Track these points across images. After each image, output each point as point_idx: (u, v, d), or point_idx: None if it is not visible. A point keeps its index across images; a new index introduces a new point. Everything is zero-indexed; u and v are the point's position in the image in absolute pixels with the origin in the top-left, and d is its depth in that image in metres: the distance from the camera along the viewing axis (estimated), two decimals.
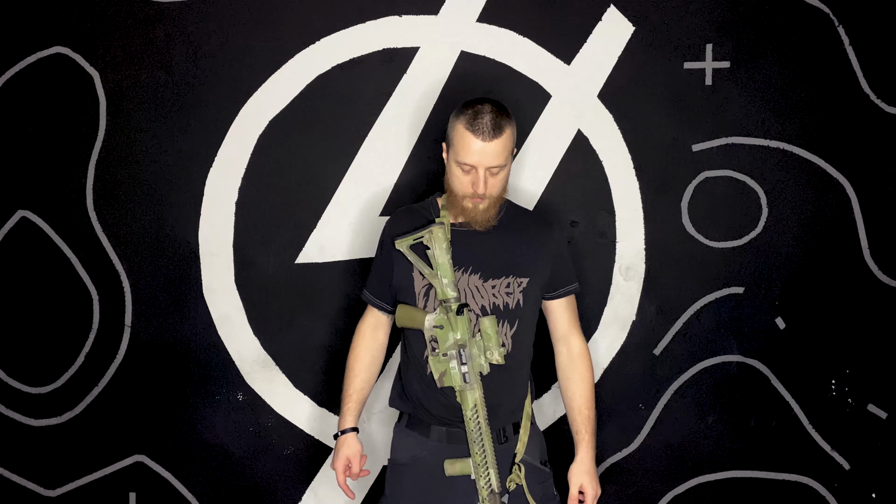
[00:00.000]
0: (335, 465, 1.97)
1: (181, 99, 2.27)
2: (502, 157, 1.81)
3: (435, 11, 2.25)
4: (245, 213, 2.29)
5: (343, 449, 1.97)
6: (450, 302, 1.85)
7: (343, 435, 1.97)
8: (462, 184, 1.83)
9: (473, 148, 1.78)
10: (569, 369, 1.99)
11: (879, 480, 2.31)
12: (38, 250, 2.30)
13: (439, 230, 1.87)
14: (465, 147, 1.79)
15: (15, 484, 2.34)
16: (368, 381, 2.02)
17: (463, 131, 1.80)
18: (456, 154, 1.82)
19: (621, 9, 2.23)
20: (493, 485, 1.84)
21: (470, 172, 1.81)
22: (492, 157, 1.79)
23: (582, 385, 1.97)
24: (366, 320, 2.04)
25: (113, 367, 2.32)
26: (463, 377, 1.84)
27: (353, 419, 1.98)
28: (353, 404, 1.99)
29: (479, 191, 1.81)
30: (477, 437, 1.84)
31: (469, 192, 1.83)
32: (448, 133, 1.86)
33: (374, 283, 2.01)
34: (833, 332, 2.29)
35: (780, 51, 2.24)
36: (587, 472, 1.94)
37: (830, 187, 2.26)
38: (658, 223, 2.28)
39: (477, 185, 1.81)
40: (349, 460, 1.96)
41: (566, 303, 1.99)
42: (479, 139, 1.78)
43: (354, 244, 2.29)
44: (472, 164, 1.80)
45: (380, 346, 2.04)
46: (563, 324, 2.00)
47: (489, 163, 1.80)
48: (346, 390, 2.00)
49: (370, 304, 2.02)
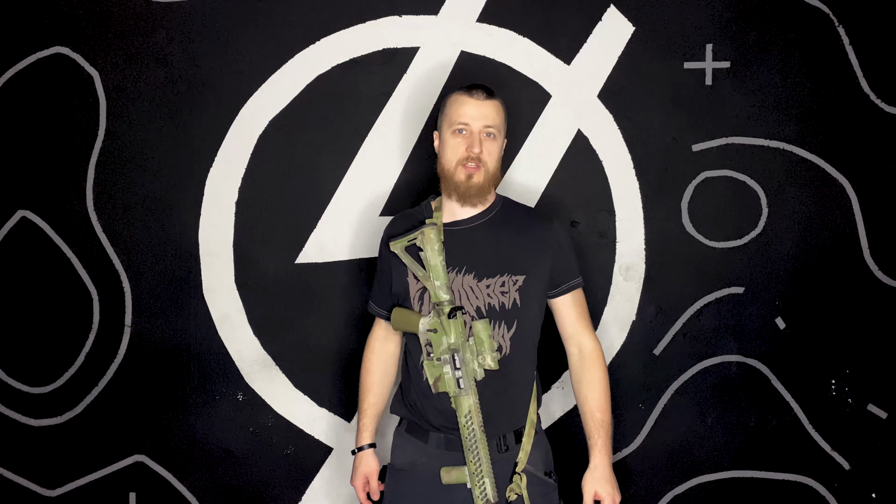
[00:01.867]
0: (354, 483, 2.00)
1: (181, 99, 2.27)
2: (496, 118, 1.85)
3: (435, 11, 2.25)
4: (245, 213, 2.29)
5: (361, 467, 1.99)
6: (443, 305, 1.83)
7: (360, 452, 1.99)
8: (456, 150, 1.85)
9: (468, 107, 1.85)
10: (580, 371, 1.92)
11: (879, 480, 2.31)
12: (38, 250, 2.30)
13: (431, 231, 1.86)
14: (460, 107, 1.86)
15: (15, 484, 2.34)
16: (382, 395, 2.03)
17: (457, 97, 1.88)
18: (450, 120, 1.87)
19: (621, 9, 2.23)
20: (489, 494, 1.80)
21: (465, 134, 1.85)
22: (486, 117, 1.84)
23: (594, 388, 1.90)
24: (374, 333, 2.05)
25: (113, 367, 2.32)
26: (457, 382, 1.82)
27: (370, 435, 2.00)
28: (368, 420, 2.00)
29: (475, 150, 1.83)
30: (471, 445, 1.81)
31: (463, 155, 1.84)
32: (440, 113, 1.92)
33: (378, 294, 2.01)
34: (833, 332, 2.29)
35: (780, 51, 2.24)
36: (602, 478, 1.86)
37: (830, 187, 2.26)
38: (658, 223, 2.28)
39: (472, 144, 1.83)
40: (367, 478, 1.98)
41: (571, 299, 1.94)
42: (475, 98, 1.85)
43: (354, 244, 2.29)
44: (467, 122, 1.84)
45: (391, 358, 2.04)
46: (571, 321, 1.94)
47: (484, 121, 1.84)
48: (361, 405, 2.02)
49: (377, 317, 2.03)
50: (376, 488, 1.99)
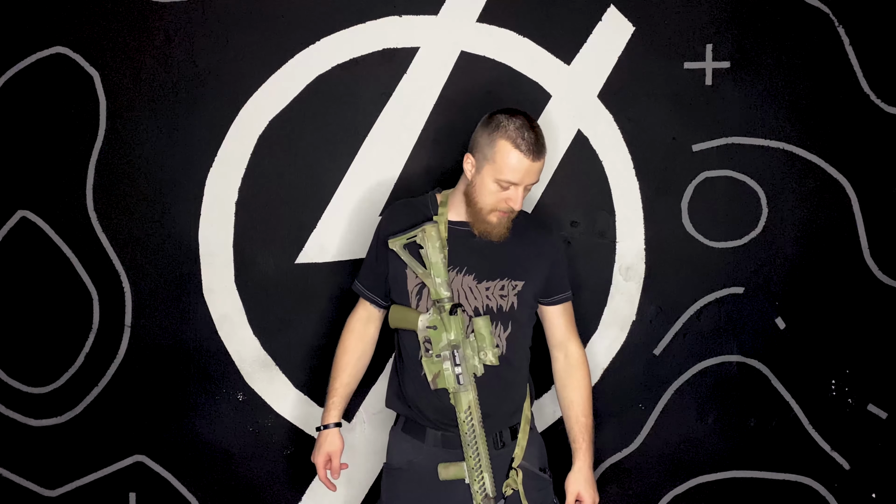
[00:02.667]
0: (316, 460, 1.98)
1: (181, 99, 2.27)
2: (540, 174, 1.82)
3: (435, 11, 2.25)
4: (245, 213, 2.29)
5: (325, 445, 1.97)
6: (443, 302, 1.84)
7: (326, 430, 1.97)
8: (496, 199, 1.80)
9: (520, 166, 1.76)
10: (566, 377, 1.97)
11: (879, 480, 2.31)
12: (38, 250, 2.30)
13: (432, 229, 1.85)
14: (511, 165, 1.75)
15: (15, 484, 2.34)
16: (356, 377, 2.01)
17: (509, 148, 1.75)
18: (498, 171, 1.76)
19: (621, 9, 2.23)
20: (488, 489, 1.81)
21: (508, 189, 1.79)
22: (535, 175, 1.80)
23: (579, 393, 1.96)
24: (356, 313, 2.03)
25: (113, 367, 2.32)
26: (456, 378, 1.82)
27: (338, 414, 1.98)
28: (338, 398, 1.98)
29: (517, 207, 1.81)
30: (471, 440, 1.82)
31: (503, 207, 1.80)
32: (481, 146, 1.79)
33: (367, 276, 1.99)
34: (833, 332, 2.29)
35: (780, 51, 2.24)
36: (584, 479, 1.93)
37: (830, 187, 2.26)
38: (658, 223, 2.28)
39: (515, 202, 1.79)
40: (330, 456, 1.97)
41: (562, 309, 1.98)
42: (528, 158, 1.75)
43: (355, 244, 2.29)
44: (516, 182, 1.77)
45: (370, 341, 2.03)
46: (561, 330, 1.98)
47: (532, 180, 1.80)
48: (332, 384, 1.99)
49: (362, 297, 2.01)
50: (338, 467, 1.97)
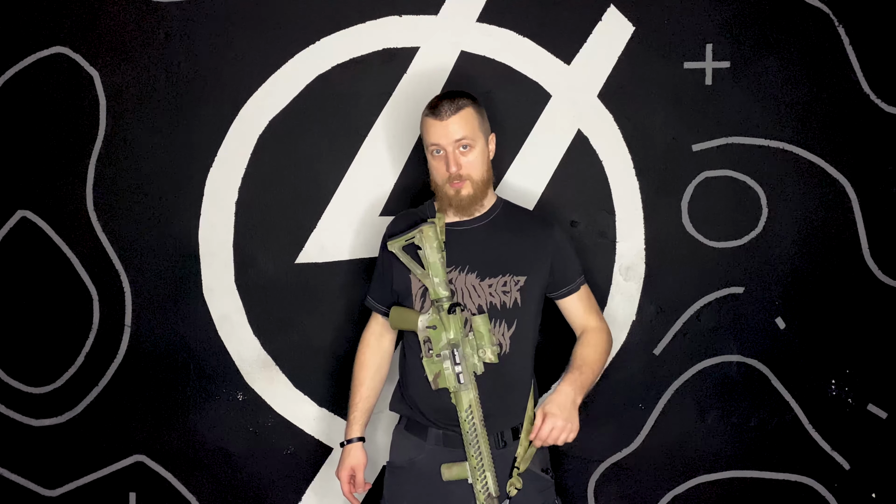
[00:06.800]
0: (340, 475, 2.00)
1: (181, 99, 2.27)
2: (465, 130, 1.84)
3: (435, 11, 2.25)
4: (245, 213, 2.29)
5: (348, 459, 1.99)
6: (442, 301, 1.85)
7: (349, 444, 1.99)
8: (439, 170, 1.88)
9: (435, 128, 1.85)
10: (581, 338, 1.95)
11: (879, 480, 2.31)
12: (38, 250, 2.30)
13: (429, 229, 1.87)
14: (429, 130, 1.87)
15: (15, 484, 2.34)
16: (375, 389, 2.03)
17: (425, 119, 1.88)
18: (425, 143, 1.89)
19: (621, 9, 2.23)
20: (491, 489, 1.81)
21: (441, 155, 1.86)
22: (455, 132, 1.84)
23: (587, 346, 1.91)
24: (370, 328, 2.05)
25: (113, 367, 2.32)
26: (457, 378, 1.83)
27: (360, 428, 2.00)
28: (359, 413, 2.00)
29: (452, 168, 1.84)
30: (472, 440, 1.82)
31: (446, 175, 1.86)
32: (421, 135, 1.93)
33: (377, 289, 2.02)
34: (833, 332, 2.29)
35: (780, 51, 2.24)
36: (555, 402, 1.78)
37: (830, 187, 2.26)
38: (658, 223, 2.28)
39: (449, 163, 1.84)
40: (353, 470, 1.98)
41: (577, 298, 1.98)
42: (438, 119, 1.85)
43: (354, 244, 2.29)
44: (438, 143, 1.85)
45: (385, 354, 2.05)
46: (580, 314, 1.99)
47: (453, 136, 1.84)
48: (352, 399, 2.01)
49: (374, 311, 2.03)
50: (362, 482, 1.99)
